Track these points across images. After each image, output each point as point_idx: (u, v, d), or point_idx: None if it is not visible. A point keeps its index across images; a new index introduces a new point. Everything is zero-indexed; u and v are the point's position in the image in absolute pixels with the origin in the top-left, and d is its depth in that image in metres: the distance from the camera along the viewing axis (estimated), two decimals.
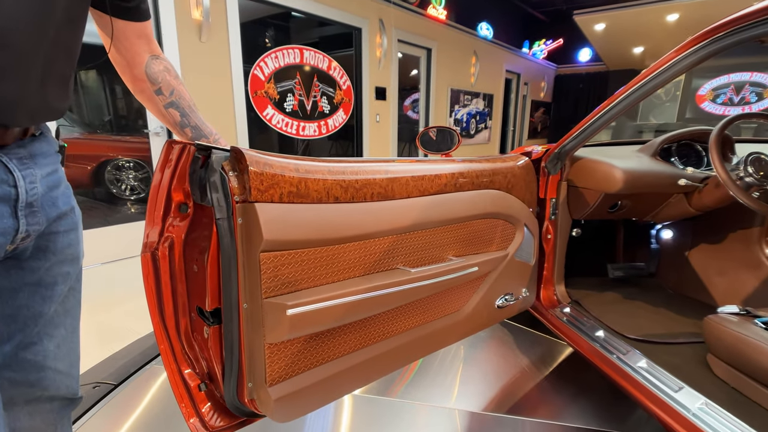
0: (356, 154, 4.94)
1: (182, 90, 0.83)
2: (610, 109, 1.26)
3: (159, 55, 0.81)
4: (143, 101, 0.82)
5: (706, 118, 6.47)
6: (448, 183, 1.07)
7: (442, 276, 1.00)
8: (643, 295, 1.81)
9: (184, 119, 0.82)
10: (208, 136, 0.84)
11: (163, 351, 0.84)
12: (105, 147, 2.98)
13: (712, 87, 6.49)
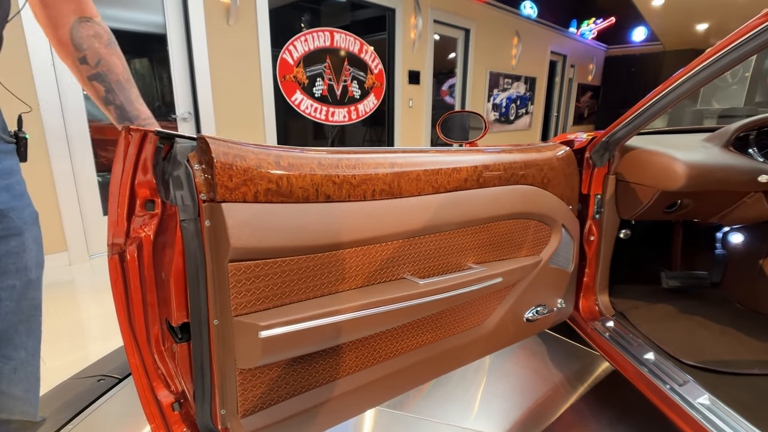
0: (387, 140, 4.79)
1: (113, 61, 0.70)
2: (668, 93, 1.05)
3: (91, 18, 0.69)
4: (70, 70, 0.71)
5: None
6: (470, 178, 0.92)
7: (458, 289, 0.85)
8: (705, 310, 1.57)
9: (109, 95, 0.70)
10: (133, 120, 0.71)
11: (133, 365, 0.74)
12: None
13: None
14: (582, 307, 1.46)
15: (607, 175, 1.35)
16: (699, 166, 1.19)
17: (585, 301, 1.47)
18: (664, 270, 1.74)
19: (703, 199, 1.34)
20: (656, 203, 1.31)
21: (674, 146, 1.33)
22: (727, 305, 1.62)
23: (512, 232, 1.02)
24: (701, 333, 1.40)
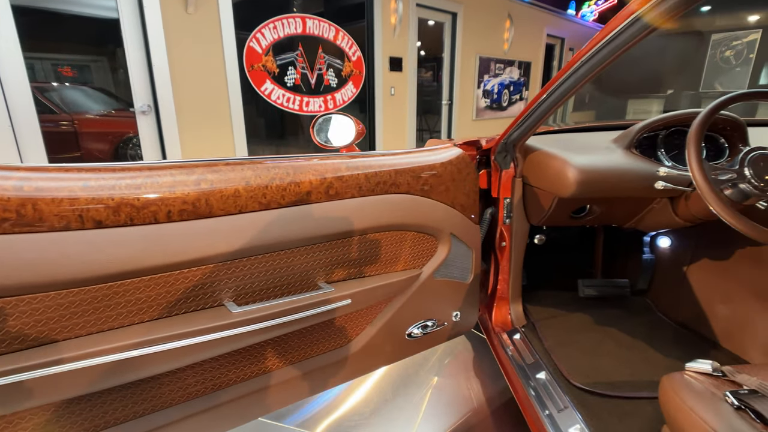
0: (369, 130, 4.71)
1: None
2: (553, 91, 0.98)
3: None
4: None
5: None
6: (316, 190, 0.85)
7: (291, 315, 0.79)
8: (622, 321, 1.49)
9: None
10: None
11: None
12: (128, 124, 2.94)
13: None
14: (495, 317, 1.41)
15: (515, 177, 1.28)
16: (592, 171, 1.11)
17: (498, 310, 1.41)
18: (583, 277, 1.66)
19: (611, 205, 1.25)
20: (559, 209, 1.23)
21: (581, 147, 1.25)
22: (649, 315, 1.55)
23: (381, 246, 0.96)
24: (606, 349, 1.33)
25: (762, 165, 0.94)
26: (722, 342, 1.36)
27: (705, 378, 0.80)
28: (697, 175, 0.91)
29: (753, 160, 0.94)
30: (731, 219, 0.87)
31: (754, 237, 0.87)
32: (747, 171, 0.93)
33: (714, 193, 0.89)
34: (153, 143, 2.91)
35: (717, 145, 1.23)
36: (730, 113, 1.17)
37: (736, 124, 1.18)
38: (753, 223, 0.87)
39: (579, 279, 1.66)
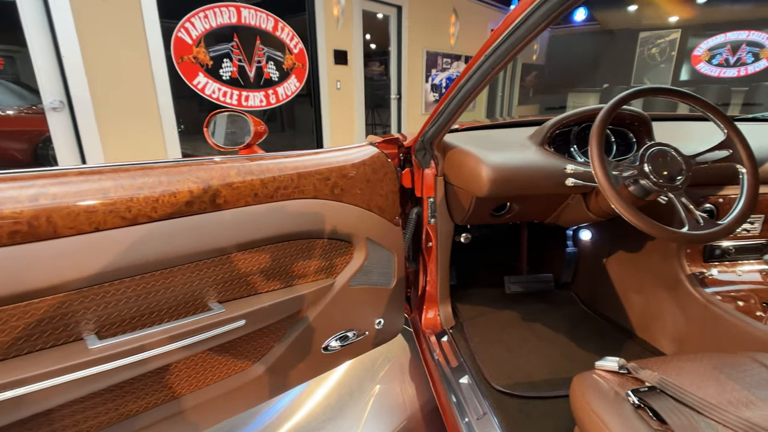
0: (315, 124, 4.59)
1: None
2: (460, 89, 0.95)
3: None
4: None
5: (703, 80, 5.98)
6: (198, 200, 0.75)
7: (165, 345, 0.70)
8: (546, 315, 1.52)
9: None
10: None
11: None
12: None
13: (708, 47, 5.95)
14: (424, 320, 1.38)
15: (436, 176, 1.26)
16: (506, 170, 1.09)
17: (427, 312, 1.39)
18: (510, 274, 1.68)
19: (529, 202, 1.25)
20: (478, 207, 1.22)
21: (498, 144, 1.23)
22: (572, 308, 1.59)
23: (285, 257, 0.88)
24: (530, 344, 1.35)
25: (661, 161, 0.96)
26: (638, 332, 1.41)
27: (612, 376, 0.80)
28: (598, 172, 0.91)
29: (652, 156, 0.95)
30: (629, 216, 0.88)
31: (650, 233, 0.88)
32: (647, 167, 0.94)
33: (613, 190, 0.89)
34: (69, 143, 2.65)
35: (627, 141, 1.26)
36: (633, 108, 1.19)
37: (642, 120, 1.21)
38: (649, 220, 0.88)
39: (505, 276, 1.67)
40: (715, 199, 1.23)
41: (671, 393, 0.73)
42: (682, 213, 0.93)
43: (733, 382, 0.76)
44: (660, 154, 0.97)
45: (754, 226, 1.27)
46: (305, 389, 1.48)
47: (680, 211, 0.93)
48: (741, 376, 0.78)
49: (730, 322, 1.11)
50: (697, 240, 0.90)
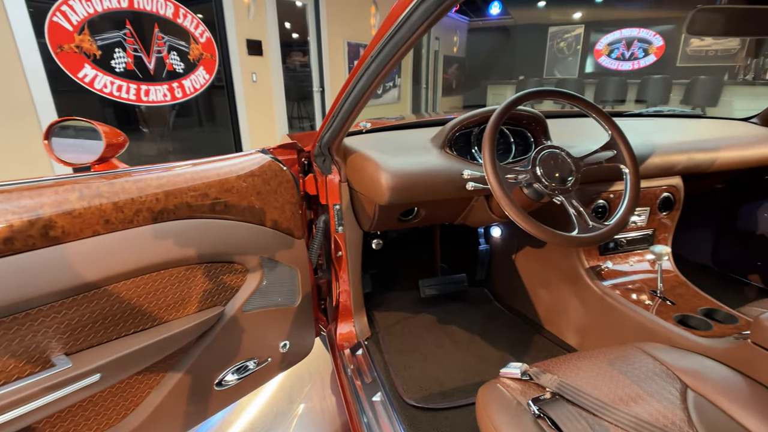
0: (231, 119, 4.31)
1: None
2: (351, 90, 0.89)
3: None
4: None
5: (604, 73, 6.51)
6: (22, 236, 0.60)
7: None
8: (461, 317, 1.53)
9: None
10: None
11: None
12: None
13: (608, 42, 6.49)
14: (339, 333, 1.32)
15: (341, 182, 1.19)
16: (406, 176, 1.05)
17: (342, 324, 1.32)
18: (424, 277, 1.68)
19: (435, 207, 1.22)
20: (384, 214, 1.17)
21: (400, 147, 1.19)
22: (486, 305, 1.61)
23: (155, 289, 0.76)
24: (445, 349, 1.34)
25: (552, 163, 0.96)
26: (546, 325, 1.45)
27: (515, 384, 0.80)
28: (491, 178, 0.89)
29: (543, 159, 0.96)
30: (521, 222, 0.88)
31: (542, 238, 0.89)
32: (538, 170, 0.95)
33: (505, 196, 0.88)
34: None
35: (527, 140, 1.27)
36: (529, 108, 1.20)
37: (538, 120, 1.22)
38: (540, 226, 0.88)
39: (420, 279, 1.65)
40: (607, 195, 1.28)
41: (569, 397, 0.75)
42: (573, 215, 0.94)
43: (624, 377, 0.79)
44: (551, 156, 0.98)
45: (641, 218, 1.35)
46: (231, 413, 1.37)
47: (571, 213, 0.94)
48: (631, 369, 0.82)
49: (623, 312, 1.16)
50: (586, 242, 0.91)
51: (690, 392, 0.77)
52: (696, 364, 0.84)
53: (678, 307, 1.17)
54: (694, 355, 0.88)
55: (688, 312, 1.14)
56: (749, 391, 0.77)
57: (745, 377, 0.81)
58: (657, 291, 1.22)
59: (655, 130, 1.42)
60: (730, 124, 1.61)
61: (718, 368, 0.83)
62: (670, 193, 1.36)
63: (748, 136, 1.48)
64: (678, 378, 0.80)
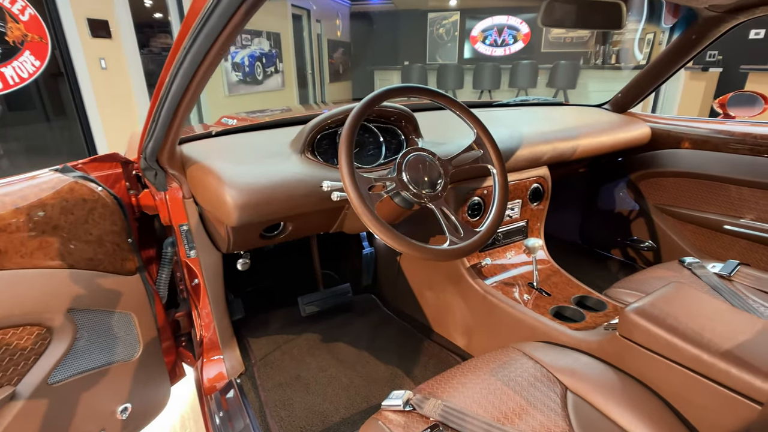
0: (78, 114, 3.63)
1: None
2: (168, 87, 0.70)
3: None
4: None
5: (481, 59, 6.90)
6: None
7: None
8: (347, 331, 1.44)
9: None
10: None
11: None
12: None
13: (481, 29, 6.87)
14: (206, 374, 1.12)
15: (185, 199, 0.98)
16: (258, 190, 0.89)
17: (209, 364, 1.13)
18: (304, 293, 1.55)
19: (303, 219, 1.08)
20: (241, 234, 1.00)
21: (253, 154, 1.02)
22: (374, 314, 1.54)
23: None
24: (330, 373, 1.24)
25: (420, 167, 0.88)
26: (435, 327, 1.42)
27: (398, 417, 0.73)
28: (349, 190, 0.78)
29: (409, 163, 0.87)
30: (386, 238, 0.79)
31: (410, 254, 0.81)
32: (405, 177, 0.86)
33: (367, 211, 0.78)
34: None
35: (399, 139, 1.18)
36: (396, 105, 1.12)
37: (407, 117, 1.14)
38: (409, 243, 0.80)
39: (299, 297, 1.51)
40: (481, 192, 1.25)
41: (454, 425, 0.71)
42: (444, 224, 0.87)
43: (508, 388, 0.77)
44: (418, 160, 0.89)
45: (514, 211, 1.37)
46: None
47: (442, 222, 0.87)
48: (513, 377, 0.80)
49: (504, 310, 1.16)
50: (457, 255, 0.85)
51: (569, 395, 0.77)
52: (573, 361, 0.85)
53: (553, 298, 1.19)
54: (570, 352, 0.89)
55: (562, 302, 1.17)
56: (622, 385, 0.79)
57: (617, 371, 0.83)
58: (534, 283, 1.24)
59: (521, 121, 1.44)
60: (586, 110, 1.72)
61: (593, 364, 0.85)
62: (539, 183, 1.39)
63: (602, 122, 1.58)
64: (558, 380, 0.80)
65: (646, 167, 1.67)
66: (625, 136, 1.56)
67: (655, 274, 1.27)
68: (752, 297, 1.11)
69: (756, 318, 0.81)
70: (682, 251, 1.60)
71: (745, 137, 1.41)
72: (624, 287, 1.22)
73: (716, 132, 1.49)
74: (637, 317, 0.82)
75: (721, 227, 1.46)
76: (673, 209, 1.61)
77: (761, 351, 0.71)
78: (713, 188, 1.48)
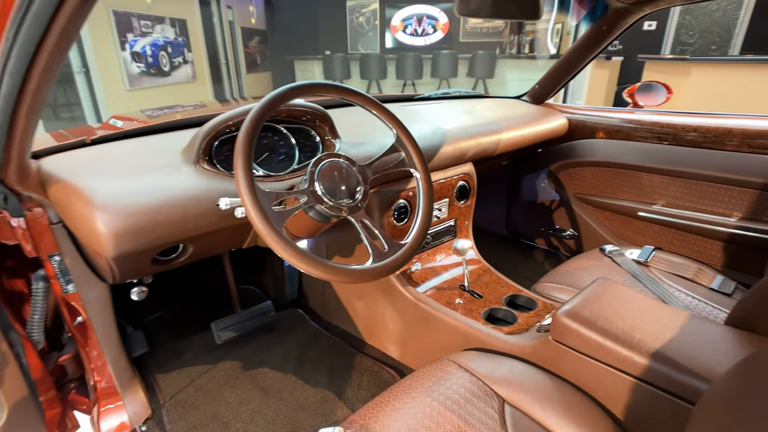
0: None
1: None
2: None
3: None
4: None
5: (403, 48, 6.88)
6: None
7: None
8: (272, 354, 1.32)
9: None
10: None
11: None
12: None
13: (401, 18, 6.84)
14: (106, 428, 0.95)
15: (52, 224, 0.79)
16: (140, 212, 0.73)
17: (107, 415, 0.96)
18: (218, 317, 1.39)
19: (205, 238, 0.92)
20: (126, 262, 0.84)
21: (137, 166, 0.84)
22: (301, 330, 1.43)
23: None
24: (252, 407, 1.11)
25: (336, 175, 0.77)
26: (367, 339, 1.34)
27: None
28: (251, 212, 0.65)
29: (323, 172, 0.76)
30: (300, 264, 0.68)
31: (329, 279, 0.70)
32: (318, 188, 0.75)
33: (273, 232, 0.66)
34: None
35: (314, 142, 1.06)
36: (308, 103, 0.99)
37: (321, 116, 1.02)
38: (324, 265, 0.70)
39: (213, 322, 1.34)
40: (406, 194, 1.17)
41: None
42: (365, 239, 0.77)
43: (446, 410, 0.72)
44: (333, 167, 0.78)
45: (441, 211, 1.31)
46: None
47: (363, 237, 0.77)
48: (450, 395, 0.75)
49: (438, 317, 1.10)
50: (383, 272, 0.76)
51: (507, 408, 0.74)
52: (509, 370, 0.82)
53: (485, 299, 1.15)
54: (506, 360, 0.86)
55: (494, 304, 1.14)
56: (558, 393, 0.77)
57: (553, 377, 0.81)
58: (465, 286, 1.20)
59: (444, 116, 1.38)
60: (506, 103, 1.71)
61: (528, 371, 0.83)
62: (465, 181, 1.34)
63: (522, 115, 1.57)
64: (495, 393, 0.76)
65: (564, 158, 1.70)
66: (544, 129, 1.57)
67: (579, 264, 1.28)
68: (668, 282, 1.15)
69: (679, 311, 0.82)
70: (601, 238, 1.66)
71: (654, 126, 1.47)
72: (551, 281, 1.22)
73: (627, 122, 1.54)
74: (568, 321, 0.80)
75: (635, 214, 1.52)
76: (591, 198, 1.66)
77: (688, 348, 0.71)
78: (627, 176, 1.54)
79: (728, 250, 1.34)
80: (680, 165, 1.39)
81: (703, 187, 1.36)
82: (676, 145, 1.42)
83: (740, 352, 0.69)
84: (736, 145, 1.29)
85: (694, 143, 1.38)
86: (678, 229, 1.44)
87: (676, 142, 1.42)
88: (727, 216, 1.32)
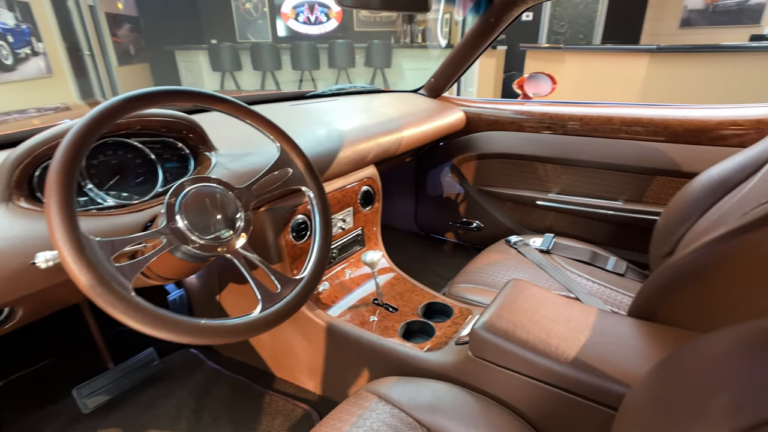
0: None
1: None
2: None
3: None
4: None
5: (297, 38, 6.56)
6: None
7: None
8: (160, 409, 1.13)
9: None
10: None
11: None
12: None
13: (292, 5, 6.51)
14: None
15: None
16: None
17: None
18: (80, 383, 1.15)
19: (39, 296, 0.71)
20: None
21: None
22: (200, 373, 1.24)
23: None
24: None
25: (208, 203, 0.62)
26: (278, 373, 1.20)
27: None
28: (73, 268, 0.47)
29: (188, 203, 0.60)
30: (147, 329, 0.52)
31: (188, 342, 0.55)
32: (182, 223, 0.59)
33: (105, 291, 0.49)
34: None
35: (182, 154, 0.87)
36: (171, 112, 0.81)
37: (189, 126, 0.85)
38: (182, 326, 0.54)
39: (74, 389, 1.10)
40: (304, 207, 1.04)
41: None
42: (250, 279, 0.63)
43: None
44: (202, 195, 0.62)
45: (346, 221, 1.20)
46: None
47: (248, 278, 0.63)
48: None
49: (352, 340, 1.00)
50: (276, 319, 0.64)
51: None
52: (431, 395, 0.76)
53: (401, 312, 1.08)
54: (427, 384, 0.80)
55: (410, 316, 1.07)
56: (483, 412, 0.73)
57: (477, 396, 0.78)
58: (378, 300, 1.11)
59: (340, 115, 1.26)
60: (404, 97, 1.65)
61: (452, 393, 0.78)
62: (368, 186, 1.25)
63: (421, 110, 1.52)
64: (419, 424, 0.70)
65: (464, 151, 1.70)
66: (443, 123, 1.55)
67: (488, 259, 1.27)
68: (569, 268, 1.19)
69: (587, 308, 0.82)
70: (505, 228, 1.70)
71: (543, 117, 1.52)
72: (464, 281, 1.19)
73: (519, 113, 1.57)
74: (486, 334, 0.76)
75: (534, 203, 1.57)
76: (492, 189, 1.68)
77: (604, 350, 0.70)
78: (523, 167, 1.58)
79: (617, 231, 1.44)
80: (569, 153, 1.45)
81: (590, 173, 1.44)
82: (564, 134, 1.48)
83: (650, 347, 0.70)
84: (615, 132, 1.38)
85: (580, 132, 1.45)
86: (572, 215, 1.52)
87: (563, 131, 1.48)
88: (613, 199, 1.41)
